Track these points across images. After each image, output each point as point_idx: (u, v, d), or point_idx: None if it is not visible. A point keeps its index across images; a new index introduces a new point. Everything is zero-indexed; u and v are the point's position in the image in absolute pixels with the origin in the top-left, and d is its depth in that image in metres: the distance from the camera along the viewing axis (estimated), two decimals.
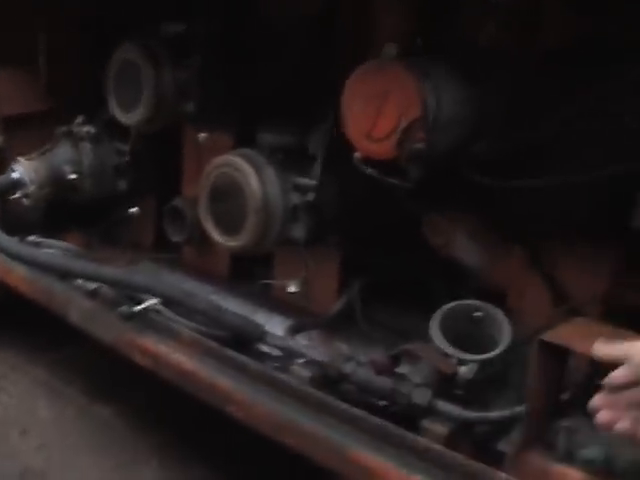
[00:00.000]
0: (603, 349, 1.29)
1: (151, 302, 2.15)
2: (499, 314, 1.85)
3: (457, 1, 2.00)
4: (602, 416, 1.24)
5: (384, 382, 1.82)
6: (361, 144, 1.77)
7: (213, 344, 2.01)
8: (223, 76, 2.32)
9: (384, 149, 1.72)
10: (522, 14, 1.87)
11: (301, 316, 2.22)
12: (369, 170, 1.76)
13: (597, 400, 1.27)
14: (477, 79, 1.81)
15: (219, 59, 2.33)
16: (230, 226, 2.12)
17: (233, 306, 2.25)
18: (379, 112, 1.72)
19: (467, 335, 1.87)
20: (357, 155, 1.78)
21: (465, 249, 2.06)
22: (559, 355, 1.57)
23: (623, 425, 1.21)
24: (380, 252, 2.18)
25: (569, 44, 1.88)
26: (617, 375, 1.23)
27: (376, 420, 1.73)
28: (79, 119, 2.61)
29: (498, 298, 2.03)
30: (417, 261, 2.19)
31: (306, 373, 1.92)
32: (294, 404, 1.85)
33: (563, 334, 1.56)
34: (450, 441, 1.73)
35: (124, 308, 2.15)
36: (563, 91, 1.79)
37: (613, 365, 1.36)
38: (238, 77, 2.31)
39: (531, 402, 1.57)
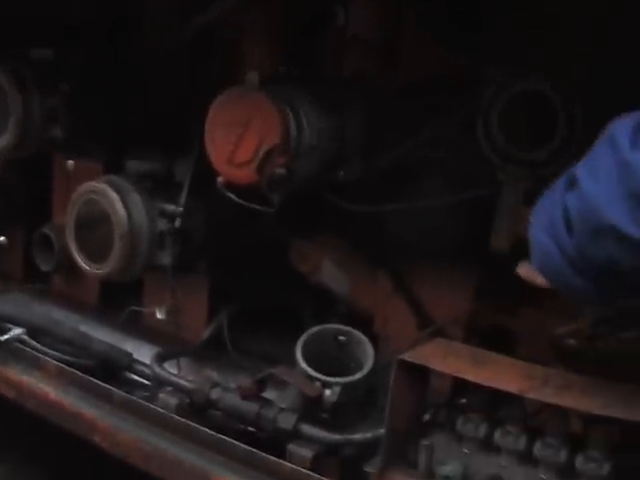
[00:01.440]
0: None
1: (16, 332, 2.12)
2: (362, 338, 1.88)
3: (322, 33, 2.05)
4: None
5: (250, 407, 1.83)
6: (223, 169, 1.78)
7: (78, 374, 1.99)
8: (92, 103, 2.29)
9: (245, 174, 1.74)
10: (382, 47, 1.93)
11: (171, 344, 2.20)
12: (232, 195, 1.77)
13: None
14: (338, 108, 1.85)
15: (89, 86, 2.30)
16: (97, 253, 2.09)
17: (103, 335, 2.23)
18: (241, 138, 1.73)
19: (333, 359, 1.90)
20: (220, 180, 1.79)
21: (332, 275, 2.09)
22: (419, 375, 1.60)
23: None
24: (250, 278, 2.19)
25: (427, 76, 1.94)
26: None
27: (241, 446, 1.74)
28: None
29: (366, 322, 2.07)
30: (287, 287, 2.21)
31: (173, 400, 1.91)
32: (159, 432, 1.85)
33: (422, 354, 1.59)
34: (316, 464, 1.74)
35: None
36: (419, 120, 1.84)
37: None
38: (108, 104, 2.29)
39: (391, 421, 1.59)
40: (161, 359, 2.06)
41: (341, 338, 1.89)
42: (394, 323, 2.03)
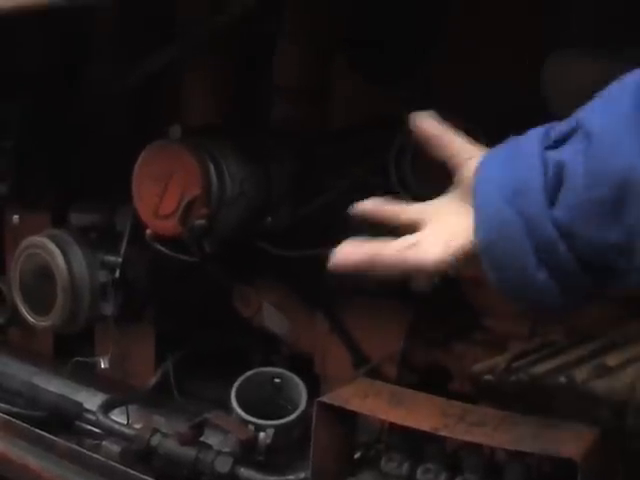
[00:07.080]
0: None
1: None
2: (296, 380, 1.91)
3: (253, 84, 2.10)
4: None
5: (188, 452, 1.86)
6: (150, 222, 1.83)
7: (23, 425, 2.02)
8: (37, 157, 2.34)
9: (170, 226, 1.79)
10: (308, 93, 1.98)
11: (120, 391, 2.23)
12: (160, 247, 1.82)
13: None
14: (263, 157, 1.89)
15: (34, 140, 2.35)
16: (41, 305, 2.14)
17: (56, 385, 2.27)
18: (164, 191, 1.78)
19: (271, 402, 1.93)
20: (148, 232, 1.83)
21: (272, 318, 2.12)
22: (343, 415, 1.63)
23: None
24: (196, 324, 2.23)
25: (358, 121, 1.99)
26: None
27: None
28: None
29: (307, 363, 2.11)
30: (234, 331, 2.24)
31: (115, 448, 1.94)
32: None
33: (342, 395, 1.62)
34: None
35: None
36: (346, 164, 1.89)
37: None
38: (53, 156, 2.34)
39: (315, 463, 1.62)
40: (107, 407, 2.10)
41: (276, 380, 1.92)
42: (332, 363, 2.06)
